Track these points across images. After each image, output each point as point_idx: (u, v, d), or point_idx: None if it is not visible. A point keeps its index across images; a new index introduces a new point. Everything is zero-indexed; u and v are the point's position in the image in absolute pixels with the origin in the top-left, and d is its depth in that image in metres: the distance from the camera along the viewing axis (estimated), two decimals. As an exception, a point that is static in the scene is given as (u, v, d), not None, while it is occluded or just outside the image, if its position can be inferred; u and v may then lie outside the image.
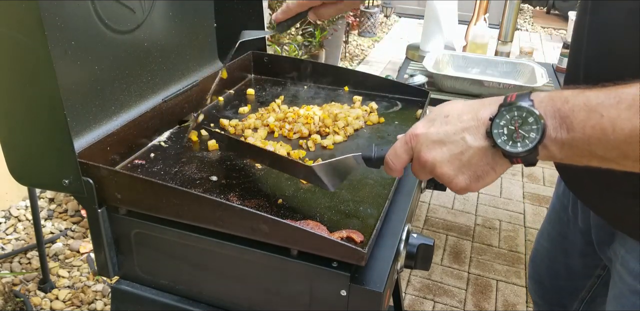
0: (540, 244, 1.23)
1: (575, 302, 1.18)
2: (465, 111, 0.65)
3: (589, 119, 0.55)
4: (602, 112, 0.55)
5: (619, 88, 0.56)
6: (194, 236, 0.82)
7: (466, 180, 0.65)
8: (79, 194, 0.82)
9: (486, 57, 2.20)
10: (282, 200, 0.89)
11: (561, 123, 0.58)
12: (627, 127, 0.53)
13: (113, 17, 0.95)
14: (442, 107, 0.67)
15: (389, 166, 0.72)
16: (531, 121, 0.59)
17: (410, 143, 0.68)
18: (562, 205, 1.13)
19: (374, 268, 0.76)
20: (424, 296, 2.09)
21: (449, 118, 0.65)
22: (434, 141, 0.65)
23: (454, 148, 0.64)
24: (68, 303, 1.93)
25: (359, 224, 0.83)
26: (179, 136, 1.10)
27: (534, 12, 6.96)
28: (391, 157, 0.71)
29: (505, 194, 2.84)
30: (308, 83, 1.40)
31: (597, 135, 0.55)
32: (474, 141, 0.63)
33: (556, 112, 0.58)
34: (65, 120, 0.75)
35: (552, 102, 0.59)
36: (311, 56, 3.74)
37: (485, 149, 0.63)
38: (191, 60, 1.23)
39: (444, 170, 0.65)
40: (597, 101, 0.55)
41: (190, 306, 0.89)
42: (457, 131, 0.64)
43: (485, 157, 0.63)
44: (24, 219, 2.35)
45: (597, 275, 1.11)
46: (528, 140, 0.60)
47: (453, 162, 0.64)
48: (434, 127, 0.66)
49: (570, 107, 0.57)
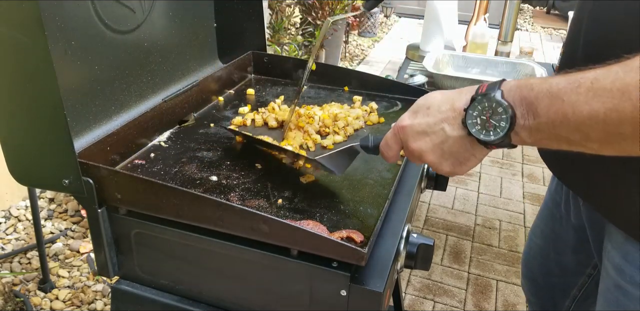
0: (533, 241, 1.24)
1: (567, 300, 1.19)
2: (443, 102, 0.69)
3: (552, 105, 0.59)
4: (562, 97, 0.58)
5: (579, 73, 0.58)
6: (194, 236, 0.82)
7: (450, 166, 0.71)
8: (79, 194, 0.82)
9: (486, 57, 2.20)
10: (282, 200, 0.89)
11: (528, 110, 0.61)
12: (585, 109, 0.56)
13: (113, 17, 0.95)
14: (425, 98, 0.72)
15: (383, 154, 0.80)
16: (500, 111, 0.63)
17: (398, 134, 0.74)
18: (555, 201, 1.13)
19: (374, 268, 0.76)
20: (424, 296, 2.09)
21: (430, 110, 0.70)
22: (418, 132, 0.71)
23: (436, 138, 0.69)
24: (68, 303, 1.92)
25: (359, 224, 0.83)
26: (179, 136, 1.10)
27: (534, 12, 6.96)
28: (384, 147, 0.79)
29: (505, 194, 2.84)
30: (308, 83, 1.40)
31: (560, 119, 0.58)
32: (452, 131, 0.68)
33: (523, 99, 0.62)
34: (65, 120, 0.75)
35: (519, 90, 0.62)
36: (311, 56, 3.73)
37: (462, 138, 0.68)
38: (191, 60, 1.24)
39: (430, 158, 0.71)
40: (559, 87, 0.58)
41: (190, 306, 0.89)
42: (437, 122, 0.69)
43: (463, 145, 0.68)
44: (24, 219, 2.35)
45: (588, 274, 1.12)
46: (499, 129, 0.63)
47: (436, 150, 0.70)
48: (417, 118, 0.71)
49: (535, 94, 0.60)
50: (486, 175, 3.00)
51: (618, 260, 0.86)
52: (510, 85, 0.64)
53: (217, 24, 1.31)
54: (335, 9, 3.70)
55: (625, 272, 0.84)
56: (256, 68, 1.43)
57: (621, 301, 0.86)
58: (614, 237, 0.87)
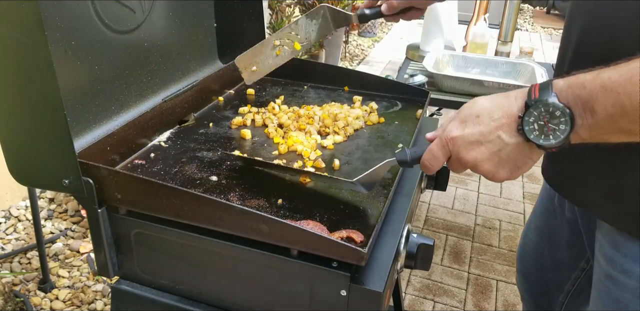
0: (528, 237, 1.25)
1: (560, 295, 1.20)
2: (494, 109, 0.68)
3: (608, 99, 0.59)
4: (617, 90, 0.58)
5: (630, 64, 0.59)
6: (194, 236, 0.82)
7: (507, 173, 0.70)
8: (79, 194, 0.82)
9: (486, 57, 2.20)
10: (282, 200, 0.89)
11: (584, 109, 0.61)
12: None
13: (113, 17, 0.95)
14: (470, 107, 0.71)
15: (427, 167, 0.77)
16: (558, 114, 0.62)
17: (447, 146, 0.72)
18: (549, 196, 1.14)
19: (374, 268, 0.76)
20: (424, 296, 2.09)
21: (481, 118, 0.68)
22: (471, 142, 0.69)
23: (492, 147, 0.68)
24: (68, 303, 1.92)
25: (359, 224, 0.83)
26: (179, 136, 1.10)
27: (534, 12, 6.96)
28: (429, 160, 0.75)
29: (505, 194, 2.84)
30: (308, 83, 1.40)
31: (619, 112, 0.59)
32: (509, 138, 0.67)
33: (577, 99, 0.62)
34: (65, 120, 0.75)
35: (572, 90, 0.62)
36: (311, 56, 3.74)
37: (521, 144, 0.67)
38: (191, 60, 1.24)
39: (486, 168, 0.70)
40: (611, 80, 0.59)
41: (190, 306, 0.89)
42: (492, 130, 0.68)
43: (522, 151, 0.68)
44: (24, 219, 2.35)
45: (582, 268, 1.13)
46: (559, 131, 0.63)
47: (492, 159, 0.69)
48: (468, 128, 0.69)
49: (588, 92, 0.61)
50: (486, 175, 3.00)
51: (608, 250, 0.87)
52: (561, 87, 0.63)
53: (217, 24, 1.31)
54: (335, 9, 3.70)
55: (615, 261, 0.85)
56: (256, 68, 1.43)
57: (612, 290, 0.87)
58: (604, 228, 0.88)
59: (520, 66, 2.11)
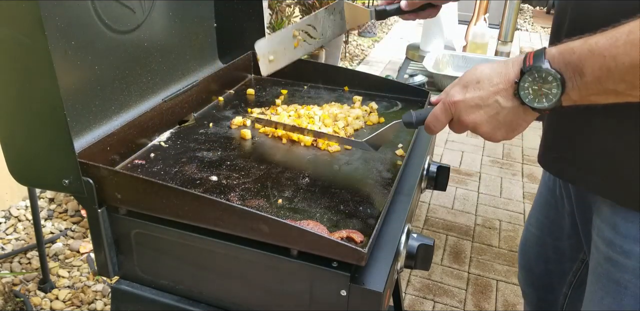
0: (529, 232, 1.25)
1: (563, 286, 1.20)
2: (494, 75, 0.73)
3: (595, 62, 0.64)
4: (603, 53, 0.63)
5: (615, 30, 0.63)
6: (194, 236, 0.82)
7: (503, 134, 0.76)
8: (79, 194, 0.82)
9: (486, 57, 2.20)
10: (282, 200, 0.89)
11: (574, 72, 0.66)
12: (627, 60, 0.61)
13: (113, 17, 0.95)
14: (472, 73, 0.76)
15: (430, 129, 0.83)
16: (550, 79, 0.68)
17: (450, 110, 0.78)
18: (549, 189, 1.15)
19: (374, 268, 0.76)
20: (424, 296, 2.09)
21: (481, 84, 0.74)
22: (472, 106, 0.75)
23: (490, 111, 0.74)
24: (68, 303, 1.92)
25: (359, 224, 0.83)
26: (179, 136, 1.10)
27: (534, 12, 6.96)
28: (432, 122, 0.82)
29: (505, 194, 2.84)
30: (308, 83, 1.40)
31: (605, 73, 0.64)
32: (505, 102, 0.73)
33: (568, 64, 0.67)
34: (65, 120, 0.75)
35: (562, 56, 0.67)
36: (311, 56, 3.74)
37: (516, 107, 0.73)
38: (191, 60, 1.24)
39: (484, 129, 0.76)
40: (598, 45, 0.64)
41: (190, 306, 0.89)
42: (490, 95, 0.73)
43: (517, 113, 0.73)
44: (24, 219, 2.35)
45: (582, 259, 1.14)
46: (551, 95, 0.69)
47: (491, 121, 0.75)
48: (469, 93, 0.75)
49: (577, 57, 0.66)
50: (486, 175, 3.00)
51: (607, 232, 0.87)
52: (553, 53, 0.68)
53: (217, 24, 1.31)
54: (335, 9, 3.70)
55: (614, 243, 0.86)
56: (256, 68, 1.43)
57: (612, 272, 0.87)
58: (602, 212, 0.89)
59: (520, 66, 2.11)
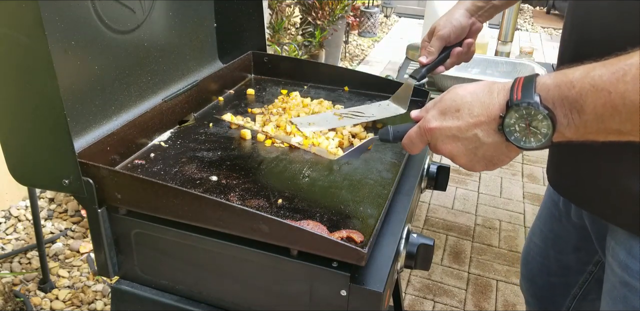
0: (532, 242, 1.23)
1: (567, 299, 1.18)
2: (475, 105, 0.66)
3: (598, 99, 0.56)
4: (609, 88, 0.55)
5: (620, 61, 0.56)
6: (194, 236, 0.82)
7: (482, 167, 0.69)
8: (79, 194, 0.82)
9: (486, 57, 2.20)
10: (282, 200, 0.89)
11: (571, 108, 0.58)
12: (637, 98, 0.54)
13: (113, 17, 0.95)
14: (452, 98, 0.68)
15: (407, 150, 0.78)
16: (540, 118, 0.60)
17: (425, 136, 0.72)
18: (553, 201, 1.13)
19: (374, 268, 0.76)
20: (424, 296, 2.09)
21: (460, 113, 0.66)
22: (448, 136, 0.68)
23: (468, 144, 0.67)
24: (68, 303, 1.92)
25: (359, 224, 0.83)
26: (179, 136, 1.10)
27: (534, 12, 6.96)
28: (408, 145, 0.76)
29: (505, 194, 2.84)
30: (308, 83, 1.40)
31: (609, 112, 0.56)
32: (486, 137, 0.65)
33: (564, 99, 0.59)
34: (65, 120, 0.75)
35: (559, 89, 0.59)
36: (311, 56, 3.74)
37: (498, 144, 0.65)
38: (191, 60, 1.23)
39: (461, 162, 0.70)
40: (602, 79, 0.56)
41: (190, 306, 0.89)
42: (469, 127, 0.66)
43: (499, 149, 0.66)
44: (24, 219, 2.35)
45: (590, 271, 1.11)
46: (541, 135, 0.61)
47: (468, 155, 0.68)
48: (446, 121, 0.68)
49: (577, 91, 0.57)
50: (486, 175, 3.00)
51: (622, 256, 0.85)
52: (548, 86, 0.60)
53: (217, 24, 1.31)
54: (336, 9, 3.70)
55: (630, 268, 0.83)
56: (256, 68, 1.43)
57: (628, 297, 0.85)
58: (618, 234, 0.87)
59: (520, 66, 2.11)
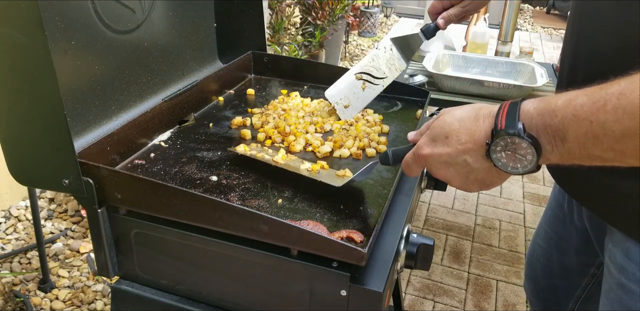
0: (536, 243, 1.24)
1: (570, 301, 1.18)
2: (461, 131, 0.68)
3: (580, 128, 0.57)
4: (590, 118, 0.56)
5: (602, 90, 0.56)
6: (194, 236, 0.82)
7: (477, 189, 0.72)
8: (79, 194, 0.82)
9: (486, 57, 2.20)
10: (282, 200, 0.89)
11: (554, 136, 0.60)
12: (617, 128, 0.54)
13: (113, 17, 0.95)
14: (441, 126, 0.70)
15: (406, 173, 0.80)
16: (525, 146, 0.62)
17: (420, 161, 0.74)
18: (558, 202, 1.13)
19: (374, 268, 0.76)
20: (424, 296, 2.09)
21: (449, 140, 0.69)
22: (440, 162, 0.70)
23: (460, 169, 0.69)
24: (68, 303, 1.92)
25: (359, 224, 0.83)
26: (179, 136, 1.10)
27: (534, 12, 6.96)
28: (406, 169, 0.79)
29: (505, 194, 2.84)
30: (308, 83, 1.40)
31: (591, 141, 0.57)
32: (475, 163, 0.67)
33: (547, 127, 0.60)
34: (65, 120, 0.75)
35: (542, 117, 0.61)
36: (311, 56, 3.74)
37: (488, 168, 0.67)
38: (191, 60, 1.24)
39: (456, 184, 0.72)
40: (584, 108, 0.57)
41: (190, 306, 0.89)
42: (459, 153, 0.68)
43: (489, 173, 0.68)
44: (24, 219, 2.35)
45: (592, 274, 1.11)
46: (526, 161, 0.63)
47: (461, 179, 0.70)
48: (437, 148, 0.70)
49: (560, 120, 0.59)
50: (486, 175, 3.00)
51: (619, 258, 0.86)
52: (531, 114, 0.62)
53: (217, 24, 1.31)
54: (336, 9, 3.70)
55: (627, 270, 0.84)
56: (256, 68, 1.43)
57: (624, 300, 0.86)
58: (615, 236, 0.87)
59: (520, 66, 2.11)
